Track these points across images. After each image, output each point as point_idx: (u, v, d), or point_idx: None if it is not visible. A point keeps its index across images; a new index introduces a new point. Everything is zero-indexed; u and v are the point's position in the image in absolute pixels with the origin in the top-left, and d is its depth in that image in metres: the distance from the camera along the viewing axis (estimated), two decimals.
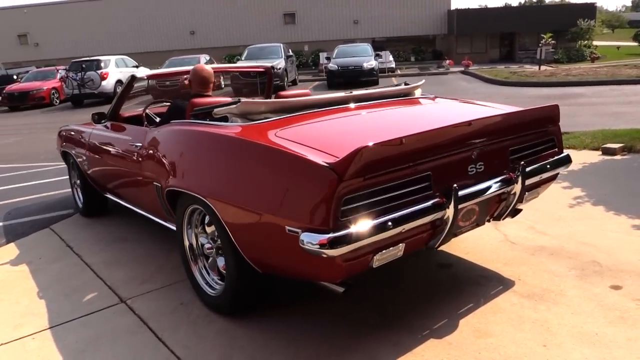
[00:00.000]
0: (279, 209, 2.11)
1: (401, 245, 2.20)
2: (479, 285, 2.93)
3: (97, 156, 4.24)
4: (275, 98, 3.98)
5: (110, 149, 3.95)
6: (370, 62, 16.87)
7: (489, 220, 2.75)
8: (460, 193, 2.27)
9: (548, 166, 2.79)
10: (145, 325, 2.78)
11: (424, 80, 3.67)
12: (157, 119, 4.01)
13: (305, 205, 2.00)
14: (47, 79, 18.18)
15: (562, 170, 3.01)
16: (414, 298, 2.83)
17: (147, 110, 4.25)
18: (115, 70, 17.89)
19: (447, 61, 26.37)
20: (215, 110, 2.88)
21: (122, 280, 3.38)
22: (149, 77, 4.19)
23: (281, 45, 18.26)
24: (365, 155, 1.93)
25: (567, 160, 2.94)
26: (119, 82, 17.69)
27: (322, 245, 1.91)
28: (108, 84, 17.20)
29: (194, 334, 2.65)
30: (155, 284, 3.26)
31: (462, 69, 22.26)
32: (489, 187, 2.42)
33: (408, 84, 3.57)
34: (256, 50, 18.21)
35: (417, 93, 3.55)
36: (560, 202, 4.31)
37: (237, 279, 2.55)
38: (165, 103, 4.37)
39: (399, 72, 23.58)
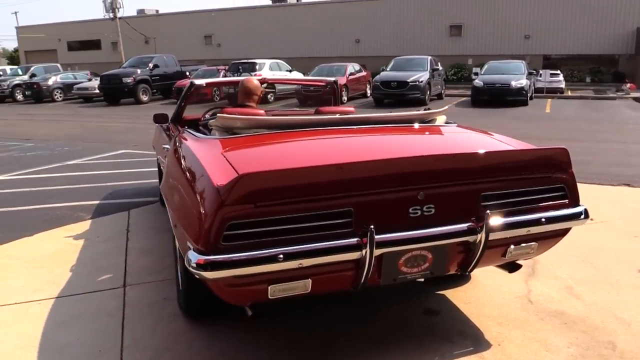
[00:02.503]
0: (185, 223, 2.16)
1: (308, 282, 2.09)
2: (449, 342, 2.63)
3: (158, 153, 4.68)
4: (315, 113, 4.00)
5: (162, 148, 4.33)
6: (519, 81, 15.68)
7: (458, 272, 2.45)
8: (382, 237, 2.07)
9: (543, 219, 2.39)
10: (122, 311, 3.02)
11: (447, 107, 3.36)
12: None
13: (196, 224, 2.02)
14: (210, 77, 20.22)
15: (574, 226, 2.56)
16: (369, 342, 2.64)
17: (206, 115, 4.57)
18: (269, 73, 19.18)
19: (628, 85, 23.33)
20: (210, 122, 3.02)
21: (140, 267, 3.70)
22: (208, 85, 4.49)
23: (428, 57, 17.87)
24: (246, 182, 1.88)
25: (577, 215, 2.48)
26: (270, 84, 18.94)
27: (198, 266, 1.92)
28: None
29: (151, 328, 2.81)
30: (159, 276, 3.51)
31: None
32: (430, 235, 2.16)
33: (429, 109, 3.31)
34: (402, 61, 18.09)
35: (441, 120, 3.27)
36: (636, 263, 3.62)
37: (185, 283, 2.65)
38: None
39: (569, 93, 21.45)
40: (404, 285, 3.23)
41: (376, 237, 2.05)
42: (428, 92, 16.70)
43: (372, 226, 2.04)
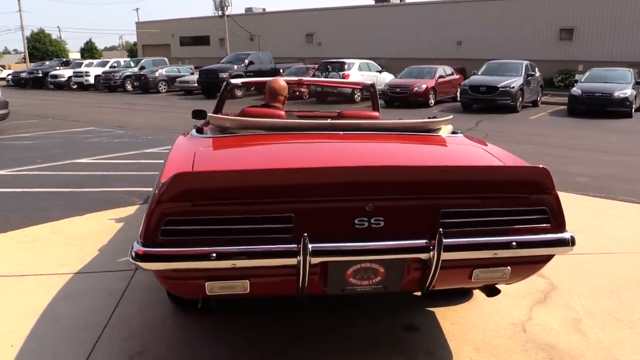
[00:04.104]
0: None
1: (246, 282, 2.13)
2: None
3: None
4: (337, 117, 4.01)
5: None
6: (624, 91, 14.31)
7: (417, 289, 2.35)
8: (319, 245, 2.05)
9: (513, 243, 2.22)
10: (123, 292, 3.25)
11: (451, 116, 3.19)
12: None
13: (144, 217, 2.14)
14: (301, 76, 20.69)
15: (557, 253, 2.36)
16: (329, 351, 2.63)
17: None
18: (357, 73, 19.26)
19: None
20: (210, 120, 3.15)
21: None
22: (243, 84, 4.65)
23: (524, 62, 16.89)
24: (180, 181, 1.97)
25: (558, 242, 2.28)
26: None
27: (136, 256, 2.05)
28: None
29: (139, 310, 3.02)
30: None
31: None
32: (373, 248, 2.11)
33: (432, 117, 3.17)
34: (495, 65, 17.26)
35: (446, 130, 3.13)
36: None
37: None
38: None
39: None
40: (392, 297, 3.16)
41: (313, 245, 2.04)
42: (520, 99, 15.81)
43: (305, 234, 2.03)
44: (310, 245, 2.03)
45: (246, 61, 21.66)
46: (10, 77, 32.34)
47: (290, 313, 2.99)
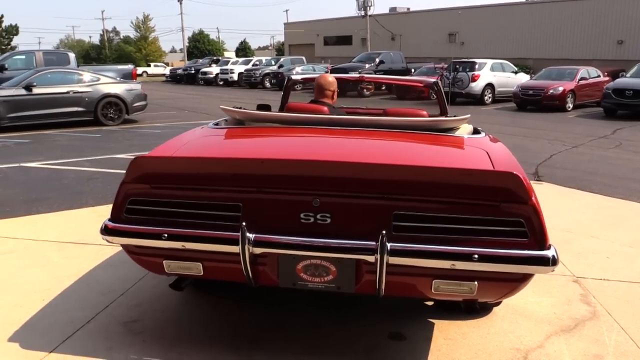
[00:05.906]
0: None
1: (199, 265, 2.24)
2: None
3: None
4: (383, 114, 3.95)
5: None
6: None
7: (374, 293, 2.24)
8: (259, 236, 2.09)
9: (475, 256, 2.03)
10: None
11: (469, 115, 2.93)
12: None
13: None
14: (430, 75, 20.18)
15: (533, 273, 2.11)
16: (300, 346, 2.63)
17: None
18: (489, 74, 18.31)
19: None
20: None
21: None
22: (304, 80, 4.77)
23: None
24: (138, 164, 2.15)
25: (532, 260, 2.03)
26: (488, 85, 18.12)
27: (104, 229, 2.27)
28: (477, 85, 17.84)
29: (155, 285, 3.30)
30: None
31: None
32: (310, 244, 2.08)
33: (451, 116, 2.97)
34: None
35: (465, 130, 2.91)
36: None
37: None
38: None
39: None
40: (396, 303, 3.03)
41: (256, 235, 2.09)
42: None
43: (244, 223, 2.08)
44: (252, 235, 2.08)
45: (377, 60, 21.80)
46: (168, 73, 36.69)
47: (275, 304, 3.06)
